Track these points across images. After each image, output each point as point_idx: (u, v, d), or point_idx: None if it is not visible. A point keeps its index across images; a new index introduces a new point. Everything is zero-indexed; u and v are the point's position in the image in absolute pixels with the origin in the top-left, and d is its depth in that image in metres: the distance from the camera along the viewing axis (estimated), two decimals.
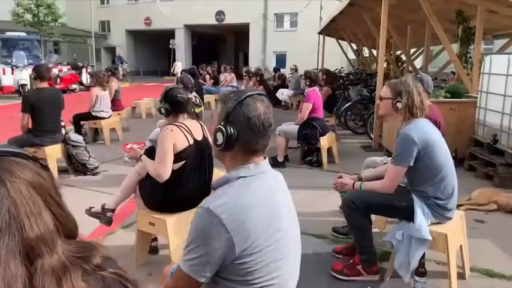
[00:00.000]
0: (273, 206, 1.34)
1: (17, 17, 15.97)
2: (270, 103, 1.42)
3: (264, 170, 1.38)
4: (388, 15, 8.07)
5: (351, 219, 2.67)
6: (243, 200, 1.28)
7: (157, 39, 31.41)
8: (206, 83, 12.70)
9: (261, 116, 1.33)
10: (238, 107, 1.34)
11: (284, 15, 27.14)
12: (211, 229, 1.23)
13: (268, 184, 1.37)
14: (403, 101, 2.51)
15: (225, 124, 1.34)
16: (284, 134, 5.79)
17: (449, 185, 2.52)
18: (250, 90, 1.41)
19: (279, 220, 1.33)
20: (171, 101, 2.82)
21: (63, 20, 17.15)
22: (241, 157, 1.38)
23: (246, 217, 1.25)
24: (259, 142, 1.36)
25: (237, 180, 1.33)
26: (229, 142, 1.33)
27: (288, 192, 1.49)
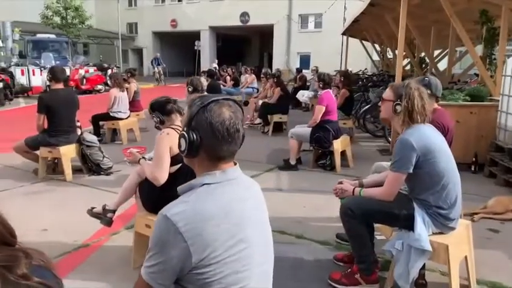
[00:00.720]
0: (237, 216, 1.28)
1: (46, 19, 16.50)
2: (240, 108, 1.37)
3: (232, 178, 1.33)
4: (410, 16, 7.87)
5: (348, 226, 2.59)
6: (203, 208, 1.23)
7: (183, 40, 31.81)
8: (226, 84, 12.77)
9: (225, 122, 1.28)
10: (202, 112, 1.29)
11: (309, 16, 26.97)
12: (168, 237, 1.19)
13: (234, 192, 1.32)
14: (402, 104, 2.42)
15: (188, 130, 1.30)
16: (296, 137, 5.72)
17: (452, 194, 2.41)
18: (217, 95, 1.36)
19: (243, 230, 1.28)
20: (157, 109, 2.86)
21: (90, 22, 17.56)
22: (207, 163, 1.33)
23: (205, 226, 1.20)
24: (224, 149, 1.31)
25: (200, 188, 1.29)
26: (192, 148, 1.30)
27: (261, 202, 1.44)
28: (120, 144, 7.23)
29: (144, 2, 32.75)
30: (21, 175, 5.27)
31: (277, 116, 8.30)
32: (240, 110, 1.37)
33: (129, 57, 34.57)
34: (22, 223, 3.92)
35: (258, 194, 1.45)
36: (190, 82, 4.83)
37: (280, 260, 3.05)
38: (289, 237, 3.50)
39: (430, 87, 3.08)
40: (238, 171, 1.38)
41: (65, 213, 3.94)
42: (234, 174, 1.35)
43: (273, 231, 3.45)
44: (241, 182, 1.37)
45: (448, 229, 2.46)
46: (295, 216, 3.96)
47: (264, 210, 1.44)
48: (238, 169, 1.39)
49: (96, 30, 31.30)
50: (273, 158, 6.29)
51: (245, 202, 1.34)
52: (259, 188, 1.51)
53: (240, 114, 1.34)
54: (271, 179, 5.24)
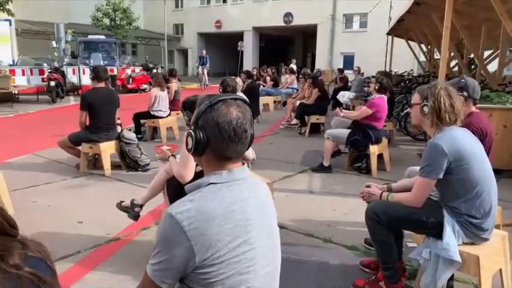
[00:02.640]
0: (242, 217, 1.27)
1: (96, 21, 17.29)
2: (248, 109, 1.35)
3: (238, 178, 1.32)
4: (457, 15, 7.51)
5: (373, 232, 2.51)
6: (208, 208, 1.22)
7: (227, 41, 32.22)
8: (266, 85, 12.78)
9: (233, 122, 1.28)
10: (209, 111, 1.30)
11: (353, 16, 26.47)
12: (173, 236, 1.20)
13: (240, 193, 1.30)
14: (429, 104, 2.30)
15: (195, 128, 1.31)
16: (333, 138, 5.61)
17: (486, 203, 2.27)
18: (226, 94, 1.36)
19: (247, 232, 1.27)
20: (188, 107, 2.88)
21: (137, 23, 18.21)
22: (214, 163, 1.34)
23: (209, 226, 1.20)
24: (230, 149, 1.30)
25: (207, 187, 1.29)
26: (198, 147, 1.30)
27: (268, 204, 1.41)
28: (159, 142, 7.42)
29: (190, 3, 33.48)
30: (64, 169, 5.54)
31: (315, 117, 8.20)
32: (249, 110, 1.36)
33: (175, 58, 35.47)
34: (60, 215, 4.16)
35: (266, 196, 1.43)
36: (221, 83, 4.87)
37: (305, 263, 3.03)
38: (317, 240, 3.45)
39: (466, 89, 2.93)
40: (246, 171, 1.37)
41: (101, 207, 4.09)
42: (241, 175, 1.34)
43: (300, 234, 3.49)
44: (249, 183, 1.36)
45: (480, 239, 2.32)
46: (324, 219, 3.89)
47: (271, 213, 1.42)
48: (246, 169, 1.38)
49: (143, 31, 32.39)
50: (307, 160, 6.22)
51: (251, 203, 1.32)
52: (268, 190, 1.49)
53: (248, 115, 1.33)
54: (303, 181, 5.19)
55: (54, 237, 3.39)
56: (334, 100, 12.06)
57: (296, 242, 3.42)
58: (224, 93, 4.86)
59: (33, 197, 4.40)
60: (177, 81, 8.80)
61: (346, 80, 13.38)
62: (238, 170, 1.34)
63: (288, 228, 3.68)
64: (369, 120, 5.41)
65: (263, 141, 7.79)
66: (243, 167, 1.37)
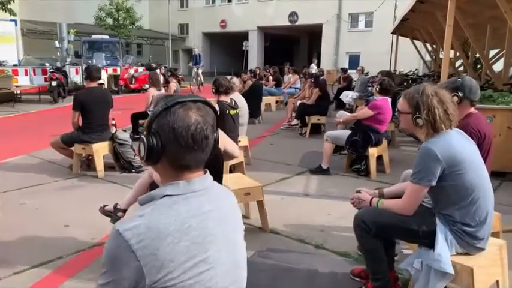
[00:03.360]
0: (199, 234, 1.14)
1: (99, 21, 17.28)
2: (211, 112, 1.22)
3: (198, 189, 1.19)
4: (462, 13, 7.34)
5: (361, 240, 2.38)
6: (160, 224, 1.09)
7: (232, 41, 32.15)
8: (268, 84, 12.66)
9: (191, 127, 1.14)
10: (164, 114, 1.16)
11: (359, 15, 26.25)
12: (120, 255, 1.07)
13: (200, 206, 1.17)
14: (422, 116, 2.15)
15: (148, 134, 1.17)
16: (333, 139, 5.46)
17: (482, 210, 2.13)
18: (186, 96, 1.21)
19: (206, 251, 1.14)
20: None
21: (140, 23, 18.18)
22: (171, 172, 1.20)
23: (161, 244, 1.07)
24: (188, 157, 1.17)
25: (161, 199, 1.15)
26: (151, 155, 1.16)
27: (234, 217, 1.29)
28: None
29: (195, 3, 33.45)
30: (57, 170, 5.46)
31: (315, 117, 8.06)
32: (212, 114, 1.22)
33: (180, 58, 35.46)
34: (47, 218, 4.07)
35: (231, 208, 1.30)
36: (213, 83, 4.74)
37: (293, 271, 2.90)
38: (308, 246, 3.32)
39: (462, 90, 2.77)
40: (208, 181, 1.24)
41: (90, 210, 3.96)
42: (201, 185, 1.20)
43: (292, 240, 3.35)
44: (211, 194, 1.23)
45: (475, 249, 2.18)
46: (318, 224, 3.76)
47: (237, 228, 1.29)
48: (209, 179, 1.25)
49: (149, 31, 32.42)
50: (306, 161, 6.09)
51: (211, 218, 1.19)
52: (235, 201, 1.36)
53: (210, 119, 1.20)
54: (300, 183, 5.06)
55: (37, 241, 3.30)
56: (337, 100, 11.92)
57: (287, 248, 3.30)
58: (218, 93, 4.76)
59: (23, 199, 4.31)
60: (176, 81, 8.72)
61: (350, 79, 13.20)
62: (199, 180, 1.21)
63: (280, 234, 3.56)
64: (370, 122, 5.26)
65: (263, 141, 7.67)
66: (205, 176, 1.24)
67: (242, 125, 5.61)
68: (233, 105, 4.71)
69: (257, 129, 8.74)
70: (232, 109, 4.66)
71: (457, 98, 2.79)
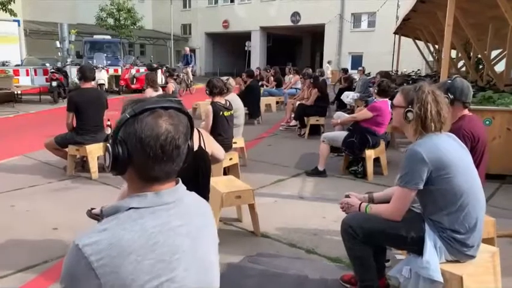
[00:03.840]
0: (166, 251, 1.05)
1: (100, 21, 17.29)
2: (184, 120, 1.12)
3: (167, 201, 1.10)
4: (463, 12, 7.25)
5: (349, 246, 2.31)
6: (123, 240, 1.00)
7: (234, 41, 32.13)
8: (269, 85, 12.59)
9: (160, 137, 1.05)
10: (131, 122, 1.07)
11: (362, 15, 26.13)
12: (78, 271, 0.99)
13: (168, 220, 1.08)
14: (414, 110, 2.10)
15: (114, 142, 1.07)
16: (329, 141, 5.40)
17: (471, 217, 2.05)
18: (157, 101, 1.10)
19: (173, 269, 1.06)
20: None
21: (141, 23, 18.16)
22: (138, 182, 1.11)
23: (123, 262, 0.99)
24: (157, 168, 1.08)
25: (126, 212, 1.06)
26: (116, 165, 1.08)
27: (206, 233, 1.20)
28: None
29: (197, 3, 33.45)
30: (52, 171, 5.42)
31: (314, 118, 7.98)
32: (185, 121, 1.13)
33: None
34: (36, 220, 4.02)
35: (204, 223, 1.21)
36: (206, 84, 4.68)
37: (282, 277, 2.84)
38: (299, 251, 3.26)
39: (453, 91, 2.70)
40: (180, 193, 1.15)
41: (80, 213, 3.88)
42: (171, 197, 1.12)
43: (283, 244, 3.29)
44: (182, 207, 1.14)
45: (465, 257, 2.11)
46: (311, 227, 3.69)
47: (209, 244, 1.20)
48: (181, 190, 1.16)
49: (152, 31, 32.45)
50: (303, 163, 6.01)
51: (181, 233, 1.10)
52: (210, 214, 1.27)
53: (183, 127, 1.11)
54: (295, 185, 4.98)
55: (24, 244, 3.25)
56: (338, 101, 11.83)
57: (277, 252, 3.23)
58: (212, 94, 4.69)
59: (14, 201, 4.27)
60: (174, 81, 8.67)
61: (351, 80, 13.11)
62: (168, 192, 1.12)
63: (271, 238, 3.49)
64: (369, 124, 5.19)
65: (261, 142, 7.60)
66: (176, 188, 1.15)
67: (238, 126, 5.56)
68: (227, 106, 4.65)
69: (256, 130, 8.68)
70: (226, 110, 4.61)
71: (448, 100, 2.72)
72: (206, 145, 2.72)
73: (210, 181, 2.79)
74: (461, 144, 2.21)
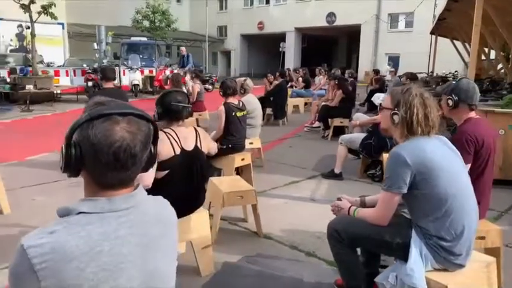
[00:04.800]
0: (111, 260, 1.03)
1: (136, 23, 17.82)
2: (145, 128, 1.10)
3: (119, 208, 1.08)
4: (497, 11, 6.91)
5: (334, 250, 2.27)
6: (67, 246, 0.99)
7: (269, 42, 32.14)
8: (298, 86, 12.52)
9: (114, 145, 1.03)
10: (86, 126, 1.05)
11: (399, 15, 25.46)
12: (22, 272, 0.99)
13: (116, 229, 1.06)
14: (399, 113, 2.04)
15: (67, 143, 1.06)
16: (347, 143, 5.32)
17: (458, 223, 1.96)
18: (115, 107, 1.07)
19: (116, 279, 1.04)
20: (164, 107, 2.72)
21: (175, 25, 18.55)
22: (92, 186, 1.10)
23: (65, 268, 0.98)
24: (109, 176, 1.06)
25: (75, 216, 1.05)
26: (68, 167, 1.06)
27: (161, 243, 1.16)
28: None
29: (234, 5, 33.76)
30: None
31: (338, 120, 7.86)
32: (145, 129, 1.10)
33: (218, 60, 35.93)
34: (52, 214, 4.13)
35: (163, 233, 1.17)
36: (220, 85, 4.73)
37: (277, 279, 2.83)
38: (299, 253, 3.23)
39: (457, 93, 2.60)
40: (136, 200, 1.12)
41: None
42: (125, 204, 1.09)
43: (285, 246, 3.27)
44: (136, 215, 1.10)
45: (453, 265, 2.02)
46: (316, 230, 3.64)
47: (165, 255, 1.16)
48: (138, 197, 1.13)
49: (188, 33, 33.06)
50: (321, 165, 5.94)
51: (129, 243, 1.07)
52: (173, 224, 1.23)
53: (141, 135, 1.08)
54: (308, 187, 4.94)
55: None
56: (369, 102, 11.58)
57: (277, 254, 3.22)
58: (225, 95, 4.73)
59: (36, 195, 4.49)
60: (200, 82, 8.80)
61: (383, 81, 12.75)
62: (122, 198, 1.09)
63: (273, 239, 3.48)
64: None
65: (283, 144, 7.58)
66: (131, 195, 1.11)
67: (255, 127, 5.58)
68: (240, 106, 4.67)
69: (280, 131, 8.67)
70: (238, 111, 4.63)
71: (452, 101, 2.63)
72: (203, 145, 2.75)
73: (206, 181, 2.83)
74: (452, 148, 2.12)
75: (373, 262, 2.48)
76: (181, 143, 2.62)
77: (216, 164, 4.67)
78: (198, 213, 2.84)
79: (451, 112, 2.74)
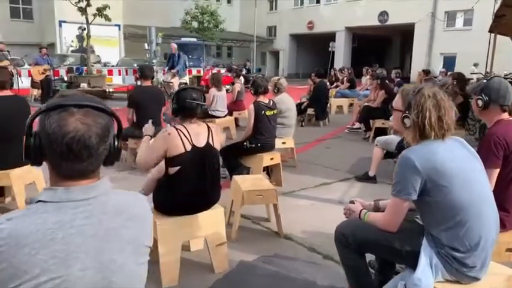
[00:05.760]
0: (63, 249, 1.05)
1: (186, 24, 18.28)
2: (104, 121, 1.12)
3: (77, 199, 1.10)
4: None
5: (341, 255, 2.18)
6: (22, 232, 1.03)
7: (318, 42, 31.77)
8: (342, 86, 12.27)
9: (67, 136, 1.06)
10: (43, 117, 1.09)
11: (457, 13, 24.17)
12: None
13: (72, 218, 1.07)
14: (411, 116, 1.91)
15: (28, 133, 1.11)
16: (382, 144, 5.12)
17: (473, 233, 1.81)
18: (74, 98, 1.11)
19: (67, 267, 1.05)
20: (179, 103, 2.75)
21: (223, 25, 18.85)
22: (54, 176, 1.13)
23: (17, 253, 1.01)
24: (64, 166, 1.09)
25: (35, 204, 1.09)
26: (28, 155, 1.11)
27: (121, 234, 1.15)
28: None
29: (283, 5, 33.70)
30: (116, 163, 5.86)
31: (380, 121, 7.59)
32: (103, 121, 1.12)
33: (267, 60, 36.03)
34: None
35: (126, 225, 1.16)
36: (251, 84, 4.73)
37: (290, 281, 2.79)
38: (317, 256, 3.16)
39: (488, 93, 2.40)
40: (98, 191, 1.13)
41: None
42: (83, 195, 1.11)
43: (304, 248, 3.21)
44: (95, 206, 1.11)
45: (466, 278, 1.87)
46: None
47: (121, 247, 1.14)
48: (98, 188, 1.14)
49: (238, 33, 33.46)
50: (357, 167, 5.77)
51: (84, 233, 1.08)
52: (141, 216, 1.21)
53: (98, 127, 1.10)
54: (339, 190, 4.81)
55: None
56: None
57: (295, 255, 3.16)
58: (255, 94, 4.71)
59: None
60: (240, 82, 8.86)
61: (433, 82, 12.21)
62: (81, 189, 1.11)
63: (293, 240, 3.43)
64: None
65: (320, 144, 7.45)
66: (92, 186, 1.13)
67: (288, 127, 5.53)
68: (270, 105, 4.65)
69: (319, 132, 8.52)
70: (268, 109, 4.60)
71: (482, 101, 2.44)
72: (215, 141, 2.76)
73: (219, 176, 2.84)
74: (471, 151, 1.96)
75: (387, 269, 2.37)
76: (192, 140, 2.64)
77: (245, 162, 4.68)
78: (212, 210, 2.85)
79: (481, 113, 2.55)
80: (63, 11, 19.68)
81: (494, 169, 2.33)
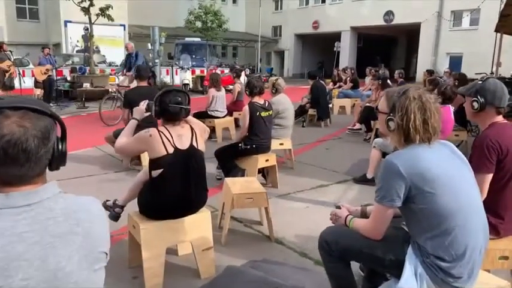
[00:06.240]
0: (4, 257, 1.01)
1: (189, 24, 18.26)
2: (41, 123, 1.08)
3: (18, 205, 1.05)
4: None
5: (325, 263, 2.10)
6: None
7: (323, 42, 31.64)
8: (345, 86, 12.16)
9: (2, 139, 1.02)
10: None
11: (463, 12, 23.92)
12: None
13: (13, 226, 1.03)
14: (395, 119, 1.83)
15: None
16: (380, 146, 5.04)
17: (459, 243, 1.73)
18: (9, 101, 1.07)
19: (7, 277, 1.00)
20: (161, 106, 2.68)
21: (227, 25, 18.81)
22: None
23: None
24: (1, 171, 1.05)
25: None
26: None
27: (67, 242, 1.09)
28: (215, 141, 7.46)
29: (289, 5, 33.60)
30: (112, 163, 5.84)
31: None
32: (43, 124, 1.08)
33: (272, 60, 35.95)
34: None
35: (73, 231, 1.11)
36: (246, 84, 4.67)
37: (276, 286, 2.69)
38: (307, 261, 3.08)
39: (483, 94, 2.32)
40: (40, 196, 1.09)
41: None
42: (23, 201, 1.06)
43: (294, 253, 3.14)
44: (38, 212, 1.07)
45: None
46: None
47: (70, 254, 1.08)
48: (41, 193, 1.10)
49: (243, 33, 33.41)
50: (355, 169, 5.68)
51: (26, 241, 1.03)
52: (88, 221, 1.15)
53: (37, 130, 1.06)
54: (336, 192, 4.73)
55: None
56: None
57: (285, 260, 3.09)
58: (251, 95, 4.65)
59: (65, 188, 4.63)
60: (241, 82, 8.80)
61: (437, 82, 12.04)
62: (21, 195, 1.06)
63: (284, 244, 3.36)
64: None
65: (320, 145, 7.37)
66: (34, 191, 1.08)
67: (285, 128, 5.46)
68: (265, 106, 4.58)
69: (320, 133, 8.44)
70: (263, 110, 4.54)
71: (477, 103, 2.35)
72: (199, 143, 2.70)
73: (204, 179, 2.78)
74: (461, 158, 1.87)
75: (376, 277, 2.28)
76: (174, 142, 2.58)
77: (240, 164, 4.62)
78: (198, 214, 2.79)
79: (475, 115, 2.46)
80: (68, 11, 19.74)
81: (487, 174, 2.24)
